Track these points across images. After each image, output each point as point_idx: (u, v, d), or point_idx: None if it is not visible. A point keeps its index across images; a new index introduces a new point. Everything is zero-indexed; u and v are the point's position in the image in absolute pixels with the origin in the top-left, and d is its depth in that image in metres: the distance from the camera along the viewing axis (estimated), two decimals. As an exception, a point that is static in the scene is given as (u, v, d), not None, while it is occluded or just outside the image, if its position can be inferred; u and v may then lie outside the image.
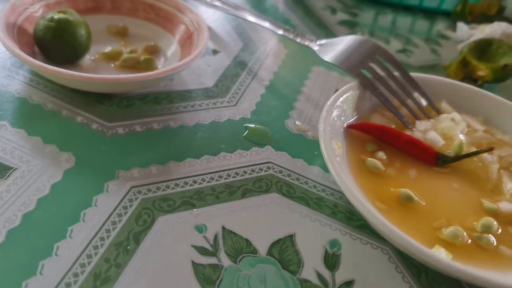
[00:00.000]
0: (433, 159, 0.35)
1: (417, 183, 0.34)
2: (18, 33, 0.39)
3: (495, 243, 0.30)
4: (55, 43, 0.38)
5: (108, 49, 0.42)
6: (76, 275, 0.26)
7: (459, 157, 0.35)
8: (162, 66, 0.42)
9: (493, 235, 0.31)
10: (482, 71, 0.49)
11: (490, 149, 0.35)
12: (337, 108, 0.36)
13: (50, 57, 0.39)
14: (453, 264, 0.26)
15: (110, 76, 0.35)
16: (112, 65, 0.41)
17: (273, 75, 0.46)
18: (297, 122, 0.40)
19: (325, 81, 0.47)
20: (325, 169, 0.36)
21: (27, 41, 0.39)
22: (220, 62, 0.46)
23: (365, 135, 0.36)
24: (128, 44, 0.44)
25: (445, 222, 0.31)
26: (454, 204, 0.33)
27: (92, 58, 0.41)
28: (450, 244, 0.29)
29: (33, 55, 0.39)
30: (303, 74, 0.47)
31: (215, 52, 0.48)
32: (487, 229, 0.31)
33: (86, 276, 0.26)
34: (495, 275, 0.27)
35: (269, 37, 0.53)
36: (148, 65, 0.40)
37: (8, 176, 0.30)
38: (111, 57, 0.41)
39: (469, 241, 0.30)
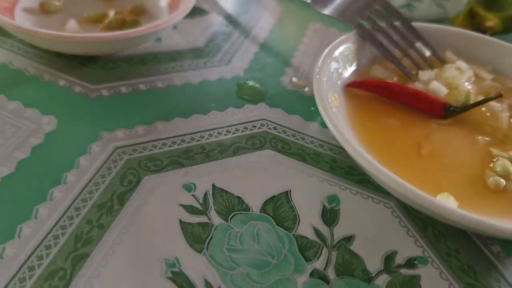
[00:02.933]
0: (441, 111, 0.33)
1: (422, 135, 0.32)
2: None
3: (504, 183, 0.28)
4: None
5: (92, 12, 0.40)
6: (56, 237, 0.24)
7: (468, 107, 0.33)
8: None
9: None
10: (491, 21, 0.46)
11: (499, 96, 0.33)
12: (334, 59, 0.34)
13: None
14: (462, 212, 0.24)
15: (91, 35, 0.33)
16: (98, 28, 0.39)
17: (268, 33, 0.44)
18: (293, 79, 0.38)
19: (323, 37, 0.44)
20: (324, 125, 0.34)
21: (6, 6, 0.37)
22: (211, 22, 0.44)
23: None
24: (113, 7, 0.42)
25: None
26: (462, 155, 0.31)
27: (76, 21, 0.39)
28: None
29: (13, 19, 0.37)
30: (300, 31, 0.45)
31: (206, 12, 0.46)
32: (506, 171, 0.29)
33: (67, 238, 0.24)
34: (504, 222, 0.25)
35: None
36: (133, 26, 0.38)
37: (-14, 140, 0.29)
38: (96, 20, 0.39)
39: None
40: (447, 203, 0.26)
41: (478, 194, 0.28)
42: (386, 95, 0.34)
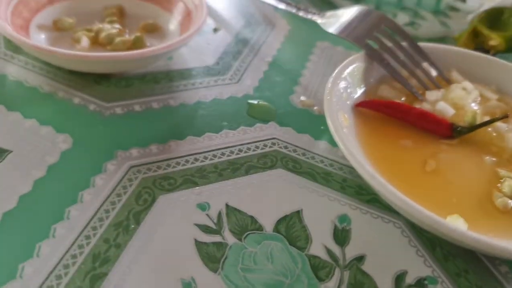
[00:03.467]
0: (447, 131, 0.33)
1: (431, 155, 0.32)
2: (12, 15, 0.38)
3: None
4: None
5: (102, 33, 0.40)
6: (74, 256, 0.25)
7: (474, 127, 0.33)
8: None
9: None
10: (494, 40, 0.47)
11: (505, 117, 0.33)
12: (343, 79, 0.35)
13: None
14: (472, 234, 0.24)
15: (104, 54, 0.34)
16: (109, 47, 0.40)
17: (276, 52, 0.45)
18: (302, 98, 0.39)
19: (331, 55, 0.45)
20: (333, 143, 0.34)
21: (21, 24, 0.38)
22: (221, 40, 0.45)
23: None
24: (125, 24, 0.42)
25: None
26: (469, 175, 0.31)
27: (87, 42, 0.39)
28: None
29: (28, 38, 0.37)
30: (308, 49, 0.46)
31: (216, 30, 0.46)
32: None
33: (85, 257, 0.25)
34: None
35: (271, 13, 0.51)
36: (138, 44, 0.39)
37: (4, 159, 0.29)
38: (103, 43, 0.39)
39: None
40: (457, 224, 0.26)
41: (486, 214, 0.29)
42: (394, 115, 0.34)
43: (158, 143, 0.32)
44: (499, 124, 0.34)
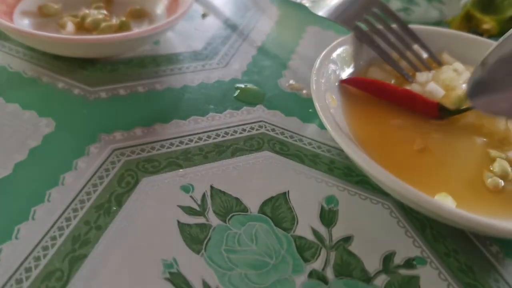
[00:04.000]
0: (435, 111, 0.33)
1: (420, 135, 0.32)
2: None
3: (502, 184, 0.28)
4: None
5: (88, 18, 0.39)
6: (53, 238, 0.24)
7: (461, 110, 0.33)
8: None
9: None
10: (487, 24, 0.46)
11: None
12: (332, 61, 0.34)
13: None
14: (460, 212, 0.24)
15: (90, 37, 0.33)
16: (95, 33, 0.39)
17: (265, 37, 0.44)
18: (291, 81, 0.38)
19: (321, 40, 0.44)
20: (321, 126, 0.34)
21: (5, 10, 0.38)
22: (210, 25, 0.44)
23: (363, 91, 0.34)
24: (112, 10, 0.42)
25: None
26: (460, 155, 0.31)
27: (73, 27, 0.39)
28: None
29: (11, 23, 0.37)
30: (298, 34, 0.45)
31: (204, 16, 0.46)
32: (504, 172, 0.29)
33: (64, 239, 0.24)
34: (502, 222, 0.25)
35: (260, -1, 0.51)
36: (124, 28, 0.38)
37: (-16, 142, 0.29)
38: (89, 29, 0.39)
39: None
40: (445, 202, 0.26)
41: (476, 194, 0.28)
42: (380, 95, 0.34)
43: (143, 127, 0.32)
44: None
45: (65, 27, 0.38)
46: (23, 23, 0.38)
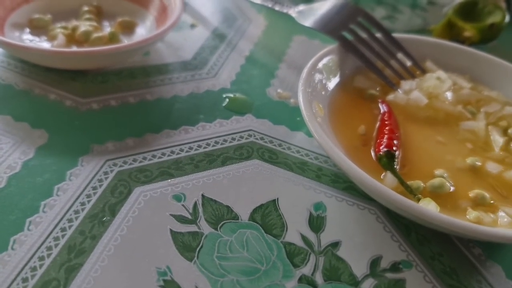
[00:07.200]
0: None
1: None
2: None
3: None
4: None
5: (80, 30, 0.40)
6: (49, 248, 0.25)
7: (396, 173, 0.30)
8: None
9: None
10: (469, 31, 0.48)
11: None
12: (318, 70, 0.35)
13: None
14: (443, 216, 0.25)
15: (80, 50, 0.34)
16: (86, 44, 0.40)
17: (253, 46, 0.45)
18: (279, 90, 0.39)
19: (307, 49, 0.45)
20: (309, 134, 0.35)
21: (-5, 22, 0.38)
22: (198, 35, 0.45)
23: (348, 98, 0.35)
24: (101, 23, 0.42)
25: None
26: (441, 158, 0.32)
27: (63, 39, 0.39)
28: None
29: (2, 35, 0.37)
30: (284, 43, 0.46)
31: (192, 26, 0.46)
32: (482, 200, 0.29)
33: (60, 249, 0.25)
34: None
35: (247, 9, 0.52)
36: (114, 40, 0.39)
37: (-22, 155, 0.29)
38: (79, 40, 0.39)
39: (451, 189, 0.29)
40: (428, 207, 0.27)
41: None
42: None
43: (134, 137, 0.32)
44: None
45: (56, 38, 0.38)
46: (14, 36, 0.38)
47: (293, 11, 0.43)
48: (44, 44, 0.39)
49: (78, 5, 0.43)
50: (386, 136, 0.32)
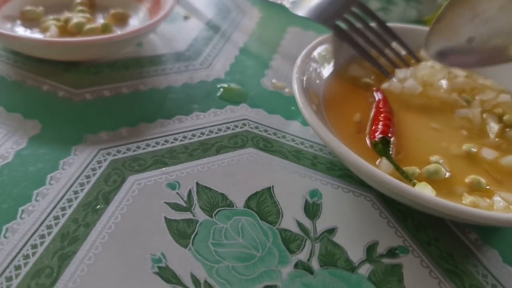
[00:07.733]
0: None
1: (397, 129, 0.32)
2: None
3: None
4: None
5: (72, 22, 0.39)
6: (42, 236, 0.25)
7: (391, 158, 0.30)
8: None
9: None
10: (463, 22, 0.48)
11: None
12: (312, 60, 0.35)
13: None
14: (440, 200, 0.24)
15: (73, 39, 0.33)
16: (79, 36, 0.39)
17: (247, 38, 0.45)
18: (273, 80, 0.39)
19: (301, 40, 0.45)
20: (304, 123, 0.34)
21: (-12, 14, 0.38)
22: (192, 27, 0.45)
23: (343, 87, 0.35)
24: (94, 15, 0.42)
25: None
26: (436, 145, 0.32)
27: (56, 31, 0.39)
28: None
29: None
30: (279, 34, 0.46)
31: (186, 18, 0.46)
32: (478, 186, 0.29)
33: (53, 237, 0.25)
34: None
35: (242, 1, 0.52)
36: (107, 31, 0.39)
37: (-31, 145, 0.29)
38: (72, 32, 0.39)
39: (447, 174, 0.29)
40: (424, 191, 0.27)
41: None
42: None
43: (128, 127, 0.32)
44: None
45: (49, 30, 0.38)
46: (6, 28, 0.38)
47: (287, 2, 0.43)
48: (36, 35, 0.38)
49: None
50: (381, 122, 0.31)
